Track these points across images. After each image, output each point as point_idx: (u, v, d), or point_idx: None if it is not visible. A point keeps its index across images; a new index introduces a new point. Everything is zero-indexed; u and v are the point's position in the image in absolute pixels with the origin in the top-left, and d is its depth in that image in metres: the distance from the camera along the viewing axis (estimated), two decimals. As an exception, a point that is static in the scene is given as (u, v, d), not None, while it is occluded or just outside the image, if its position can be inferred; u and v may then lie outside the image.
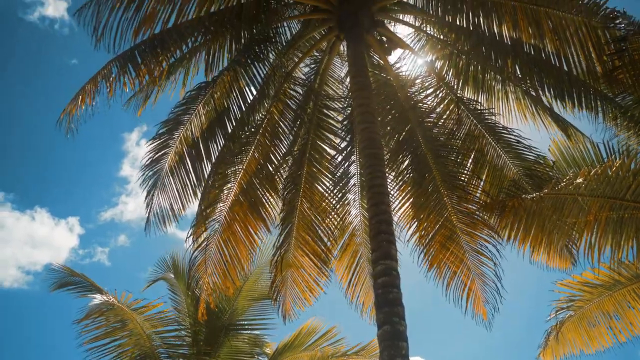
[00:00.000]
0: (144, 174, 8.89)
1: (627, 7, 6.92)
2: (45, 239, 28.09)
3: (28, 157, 26.61)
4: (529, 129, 9.26)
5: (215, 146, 9.01)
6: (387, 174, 8.60)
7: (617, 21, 6.70)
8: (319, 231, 9.57)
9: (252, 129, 9.15)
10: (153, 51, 7.84)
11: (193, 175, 9.00)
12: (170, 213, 9.09)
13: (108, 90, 7.65)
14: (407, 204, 9.35)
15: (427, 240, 9.13)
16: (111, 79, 7.71)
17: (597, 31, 7.14)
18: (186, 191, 9.04)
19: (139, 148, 27.62)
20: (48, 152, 26.90)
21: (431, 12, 8.76)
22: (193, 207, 9.31)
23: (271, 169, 9.36)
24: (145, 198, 8.93)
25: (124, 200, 27.16)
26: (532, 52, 8.10)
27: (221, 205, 9.21)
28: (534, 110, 9.08)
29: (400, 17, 9.20)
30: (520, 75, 8.60)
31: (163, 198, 9.02)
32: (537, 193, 7.19)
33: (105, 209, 30.81)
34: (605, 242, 7.09)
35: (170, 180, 8.96)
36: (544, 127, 9.17)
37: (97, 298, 10.80)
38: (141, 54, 7.83)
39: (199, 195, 9.09)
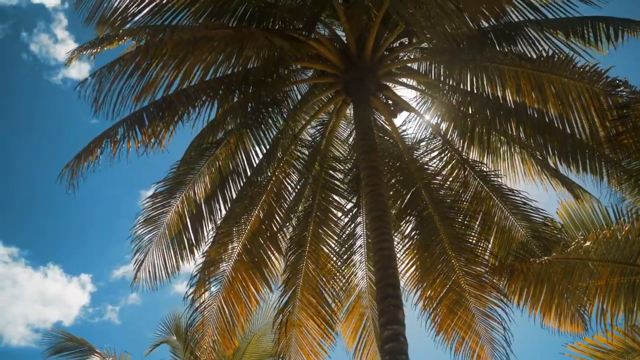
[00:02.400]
0: (136, 232, 8.84)
1: (630, 74, 7.05)
2: (56, 297, 27.82)
3: (43, 214, 26.75)
4: (537, 189, 9.28)
5: (218, 206, 9.03)
6: (393, 236, 8.52)
7: (619, 89, 6.80)
8: (324, 293, 9.42)
9: (258, 189, 9.17)
10: (160, 113, 7.93)
11: (192, 234, 8.96)
12: (164, 271, 8.98)
13: (112, 150, 7.65)
14: (415, 266, 9.25)
15: (434, 304, 8.98)
16: (116, 139, 7.74)
17: (599, 97, 7.21)
18: (182, 250, 8.97)
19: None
20: (64, 208, 27.05)
21: (435, 76, 8.94)
22: (193, 266, 9.23)
23: (275, 229, 9.32)
24: (135, 254, 8.86)
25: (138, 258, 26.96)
26: (536, 116, 8.18)
27: (224, 264, 9.14)
28: (540, 170, 9.11)
29: (406, 81, 9.38)
30: (524, 138, 8.67)
31: (157, 256, 8.93)
32: (546, 257, 7.09)
33: (117, 266, 30.62)
34: (617, 308, 6.95)
35: (167, 239, 8.90)
36: (551, 188, 9.18)
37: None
38: (148, 116, 7.92)
39: (198, 254, 9.03)
